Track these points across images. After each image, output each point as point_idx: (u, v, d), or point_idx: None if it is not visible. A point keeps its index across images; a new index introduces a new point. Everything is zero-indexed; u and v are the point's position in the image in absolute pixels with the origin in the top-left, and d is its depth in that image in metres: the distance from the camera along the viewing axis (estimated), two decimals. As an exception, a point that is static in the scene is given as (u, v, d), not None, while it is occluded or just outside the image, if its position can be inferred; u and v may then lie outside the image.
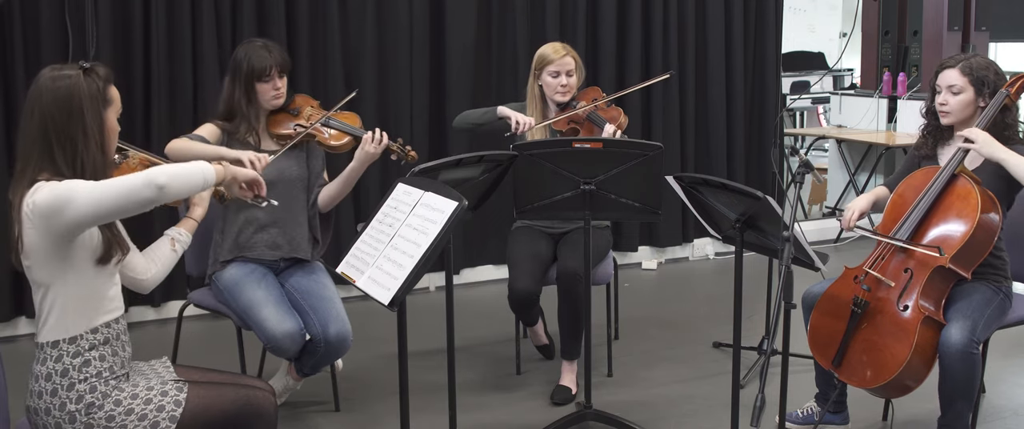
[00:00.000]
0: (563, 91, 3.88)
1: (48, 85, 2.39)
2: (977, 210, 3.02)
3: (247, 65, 3.42)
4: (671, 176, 3.13)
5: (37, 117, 2.38)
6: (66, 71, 2.41)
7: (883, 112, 6.69)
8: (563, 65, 3.87)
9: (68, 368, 2.41)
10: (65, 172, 2.37)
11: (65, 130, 2.37)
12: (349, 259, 2.66)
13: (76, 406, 2.40)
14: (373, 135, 3.44)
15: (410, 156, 3.52)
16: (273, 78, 3.44)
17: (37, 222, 2.34)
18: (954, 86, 3.21)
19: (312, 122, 3.49)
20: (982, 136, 3.09)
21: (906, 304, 3.06)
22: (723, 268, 5.98)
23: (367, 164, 3.50)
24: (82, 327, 2.42)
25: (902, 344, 3.02)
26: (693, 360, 4.28)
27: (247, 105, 3.46)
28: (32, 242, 2.37)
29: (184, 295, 3.84)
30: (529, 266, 3.78)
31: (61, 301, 2.41)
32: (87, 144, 2.39)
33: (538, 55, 3.95)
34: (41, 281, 2.42)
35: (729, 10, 5.99)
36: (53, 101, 2.37)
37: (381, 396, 3.87)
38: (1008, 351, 4.23)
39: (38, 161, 2.38)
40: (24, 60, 4.44)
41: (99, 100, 2.41)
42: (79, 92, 2.38)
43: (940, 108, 3.25)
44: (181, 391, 2.48)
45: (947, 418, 3.10)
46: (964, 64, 3.21)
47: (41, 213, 2.32)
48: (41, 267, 2.40)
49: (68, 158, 2.37)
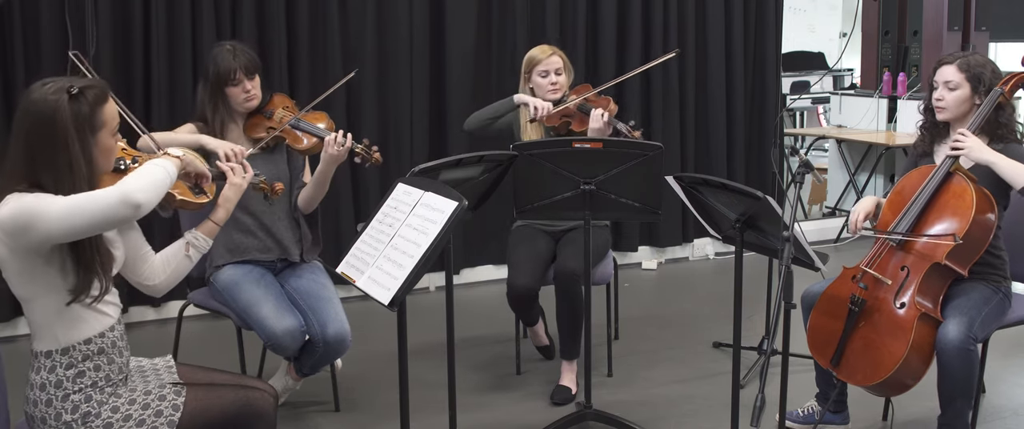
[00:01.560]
0: (553, 89, 3.92)
1: (33, 106, 2.27)
2: (972, 207, 3.03)
3: (213, 70, 3.40)
4: (671, 176, 3.13)
5: (23, 139, 2.29)
6: (51, 95, 2.27)
7: (883, 112, 6.69)
8: (551, 64, 3.92)
9: (62, 379, 2.37)
10: (49, 188, 2.27)
11: (50, 158, 2.27)
12: (349, 259, 2.66)
13: (72, 416, 2.37)
14: (336, 137, 3.39)
15: (375, 159, 3.46)
16: (241, 81, 3.41)
17: (6, 239, 2.26)
18: (951, 82, 3.22)
19: (281, 124, 3.47)
20: (970, 141, 3.10)
21: (903, 301, 3.07)
22: (723, 268, 5.98)
23: (334, 165, 3.43)
24: (73, 339, 2.37)
25: (899, 341, 3.03)
26: (693, 360, 4.28)
27: (214, 111, 3.43)
28: (3, 258, 2.30)
29: (184, 295, 3.84)
30: (528, 264, 3.78)
31: (46, 316, 2.36)
32: (72, 173, 2.28)
33: (526, 58, 4.02)
34: (22, 296, 2.37)
35: (729, 10, 5.99)
36: (36, 125, 2.26)
37: (381, 396, 3.87)
38: (1008, 351, 4.23)
39: (24, 180, 2.28)
40: (24, 60, 4.44)
41: (85, 127, 2.29)
42: (63, 119, 2.26)
43: (936, 104, 3.26)
44: (179, 395, 2.46)
45: (947, 417, 3.11)
46: (962, 61, 3.22)
47: (7, 229, 2.24)
48: (17, 283, 2.34)
49: (52, 183, 2.27)
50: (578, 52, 5.49)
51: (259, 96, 3.49)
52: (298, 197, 3.58)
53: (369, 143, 3.48)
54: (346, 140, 3.39)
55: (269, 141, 3.44)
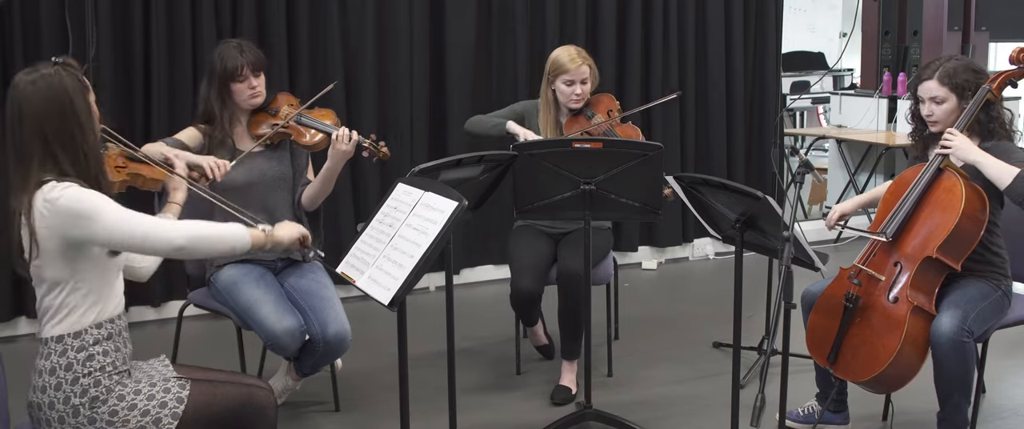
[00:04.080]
0: (577, 99, 3.84)
1: (30, 89, 2.38)
2: (961, 201, 3.05)
3: (220, 66, 3.41)
4: (671, 176, 3.14)
5: (29, 122, 2.38)
6: (43, 71, 2.40)
7: (883, 112, 6.68)
8: (579, 74, 3.80)
9: (72, 362, 2.41)
10: (68, 169, 2.38)
11: (63, 129, 2.38)
12: (349, 259, 2.66)
13: (80, 399, 2.41)
14: (342, 133, 3.40)
15: (383, 153, 3.47)
16: (247, 77, 3.42)
17: (54, 221, 2.34)
18: (936, 97, 3.23)
19: (287, 120, 3.48)
20: (957, 141, 3.12)
21: (895, 295, 3.10)
22: (723, 268, 5.98)
23: (342, 161, 3.45)
24: (87, 322, 2.43)
25: (892, 335, 3.05)
26: (693, 360, 4.28)
27: (222, 107, 3.44)
28: (46, 240, 2.37)
29: (184, 295, 3.84)
30: (531, 266, 3.78)
31: (72, 297, 2.42)
32: (85, 136, 2.41)
33: (552, 61, 3.86)
34: (53, 279, 2.42)
35: (729, 10, 5.99)
36: (43, 103, 2.37)
37: (381, 396, 3.87)
38: (1008, 351, 4.23)
39: (40, 165, 2.38)
40: (24, 60, 4.43)
41: (83, 89, 2.42)
42: (64, 87, 2.38)
43: (928, 119, 3.28)
44: (184, 388, 2.49)
45: (945, 412, 3.12)
46: (941, 73, 3.22)
47: (64, 213, 2.34)
48: (54, 265, 2.40)
49: (70, 155, 2.39)
50: (577, 47, 5.48)
51: (263, 94, 3.49)
52: (302, 195, 3.58)
53: (376, 138, 3.49)
54: (353, 135, 3.41)
55: (274, 137, 3.45)
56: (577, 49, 3.87)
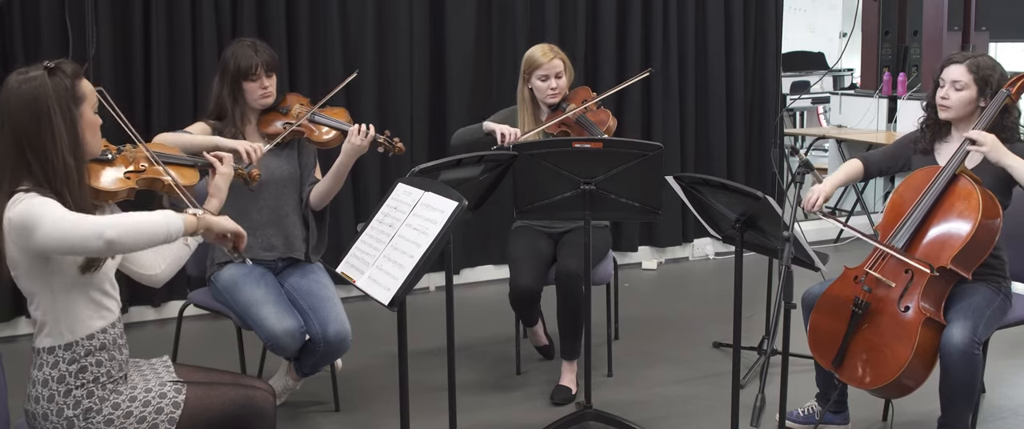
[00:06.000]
0: (553, 94, 3.88)
1: (14, 90, 2.31)
2: (978, 211, 3.01)
3: (234, 64, 3.42)
4: (671, 176, 3.13)
5: (7, 127, 2.31)
6: (31, 73, 2.32)
7: (883, 112, 6.68)
8: (552, 68, 3.86)
9: (64, 375, 2.39)
10: (41, 180, 2.30)
11: (36, 136, 2.29)
12: (349, 259, 2.66)
13: (73, 412, 2.39)
14: (359, 128, 3.43)
15: (397, 148, 3.50)
16: (260, 77, 3.43)
17: (13, 236, 2.29)
18: (958, 82, 3.20)
19: (300, 118, 3.48)
20: (991, 140, 3.08)
21: (907, 305, 3.06)
22: (723, 268, 5.97)
23: (355, 157, 3.47)
24: (77, 334, 2.39)
25: (904, 345, 3.02)
26: (693, 360, 4.28)
27: (234, 104, 3.45)
28: (12, 254, 2.33)
29: (184, 295, 3.84)
30: (531, 264, 3.78)
31: (52, 310, 2.38)
32: (56, 148, 2.29)
33: (526, 59, 3.94)
34: (29, 290, 2.39)
35: (729, 10, 5.99)
36: (21, 107, 2.29)
37: (381, 396, 3.87)
38: (1008, 351, 4.22)
39: (13, 172, 2.31)
40: (24, 60, 4.42)
41: (67, 99, 2.32)
42: (45, 94, 2.29)
43: (941, 102, 3.24)
44: (180, 392, 2.47)
45: (947, 418, 3.11)
46: (971, 61, 3.21)
47: (16, 227, 2.27)
48: (26, 278, 2.37)
49: (40, 163, 2.30)
50: (577, 47, 5.48)
51: (274, 95, 3.51)
52: (310, 193, 3.58)
53: (390, 134, 3.51)
54: (369, 130, 3.43)
55: (288, 136, 3.46)
56: (549, 45, 3.97)
